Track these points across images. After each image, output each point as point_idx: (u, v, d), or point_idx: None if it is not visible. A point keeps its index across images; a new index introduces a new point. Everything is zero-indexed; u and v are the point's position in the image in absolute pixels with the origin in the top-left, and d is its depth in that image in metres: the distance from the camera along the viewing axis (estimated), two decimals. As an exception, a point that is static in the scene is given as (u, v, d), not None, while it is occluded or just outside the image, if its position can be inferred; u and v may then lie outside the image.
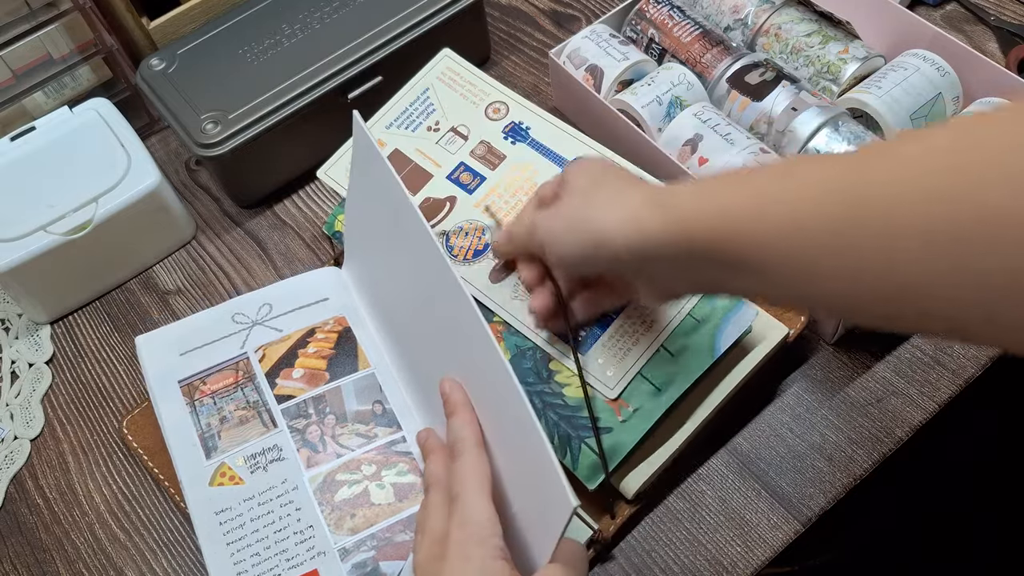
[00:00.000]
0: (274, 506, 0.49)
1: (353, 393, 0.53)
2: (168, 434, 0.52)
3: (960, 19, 0.70)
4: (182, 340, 0.56)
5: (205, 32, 0.68)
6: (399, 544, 0.48)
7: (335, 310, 0.57)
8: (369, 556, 0.47)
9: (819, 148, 0.57)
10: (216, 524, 0.49)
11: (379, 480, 0.50)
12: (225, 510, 0.49)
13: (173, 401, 0.53)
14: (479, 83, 0.59)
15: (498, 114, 0.58)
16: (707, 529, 0.49)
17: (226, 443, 0.51)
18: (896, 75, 0.58)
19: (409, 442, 0.51)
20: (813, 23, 0.63)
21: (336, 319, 0.56)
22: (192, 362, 0.55)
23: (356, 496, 0.49)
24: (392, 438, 0.51)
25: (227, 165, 0.63)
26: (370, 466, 0.50)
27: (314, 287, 0.58)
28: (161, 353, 0.55)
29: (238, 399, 0.53)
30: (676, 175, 0.58)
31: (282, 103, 0.62)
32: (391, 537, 0.48)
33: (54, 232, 0.59)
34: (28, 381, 0.61)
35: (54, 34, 0.65)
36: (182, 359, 0.55)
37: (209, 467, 0.51)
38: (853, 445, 0.51)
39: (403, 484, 0.50)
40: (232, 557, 0.48)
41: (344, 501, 0.49)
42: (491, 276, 0.52)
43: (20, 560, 0.54)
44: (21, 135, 0.63)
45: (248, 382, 0.54)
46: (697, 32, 0.64)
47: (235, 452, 0.51)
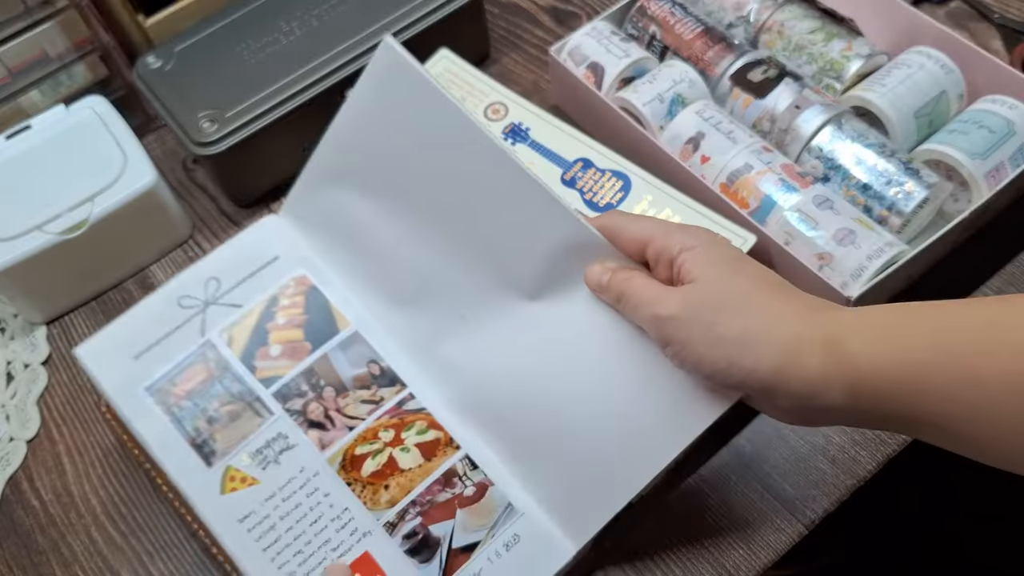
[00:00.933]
0: (300, 498, 0.46)
1: (344, 358, 0.49)
2: (156, 451, 0.48)
3: (964, 16, 0.70)
4: (130, 341, 0.50)
5: (202, 30, 0.67)
6: (442, 504, 0.46)
7: (290, 269, 0.52)
8: (416, 523, 0.45)
9: (822, 146, 0.57)
10: (244, 532, 0.45)
11: (401, 444, 0.47)
12: (248, 515, 0.46)
13: (148, 414, 0.48)
14: (478, 83, 0.58)
15: (498, 115, 0.57)
16: (709, 531, 0.49)
17: (224, 444, 0.48)
18: (900, 73, 0.58)
19: (418, 398, 0.49)
20: (816, 20, 0.62)
21: (296, 280, 0.52)
22: (151, 365, 0.49)
23: (383, 466, 0.47)
24: (399, 398, 0.49)
25: (224, 164, 0.63)
26: (387, 432, 0.48)
27: (258, 247, 0.53)
28: (112, 361, 0.49)
29: (220, 394, 0.49)
30: (678, 173, 0.58)
31: (280, 101, 0.62)
32: (432, 499, 0.46)
33: (50, 231, 0.58)
34: (24, 382, 0.61)
35: (50, 32, 0.65)
36: (139, 363, 0.49)
37: (214, 475, 0.47)
38: (856, 447, 0.51)
39: (427, 442, 0.47)
40: (274, 562, 0.45)
41: (373, 474, 0.47)
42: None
43: (16, 562, 0.53)
44: (16, 134, 0.63)
45: (224, 373, 0.49)
46: (699, 29, 0.63)
47: (238, 452, 0.47)
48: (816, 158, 0.57)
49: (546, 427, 0.46)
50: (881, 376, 0.32)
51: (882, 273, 0.51)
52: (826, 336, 0.34)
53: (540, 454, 0.46)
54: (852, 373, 0.33)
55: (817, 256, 0.52)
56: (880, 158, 0.55)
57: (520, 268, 0.45)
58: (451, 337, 0.49)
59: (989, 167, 0.54)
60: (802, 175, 0.55)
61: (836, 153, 0.56)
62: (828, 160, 0.56)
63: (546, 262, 0.44)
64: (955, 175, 0.55)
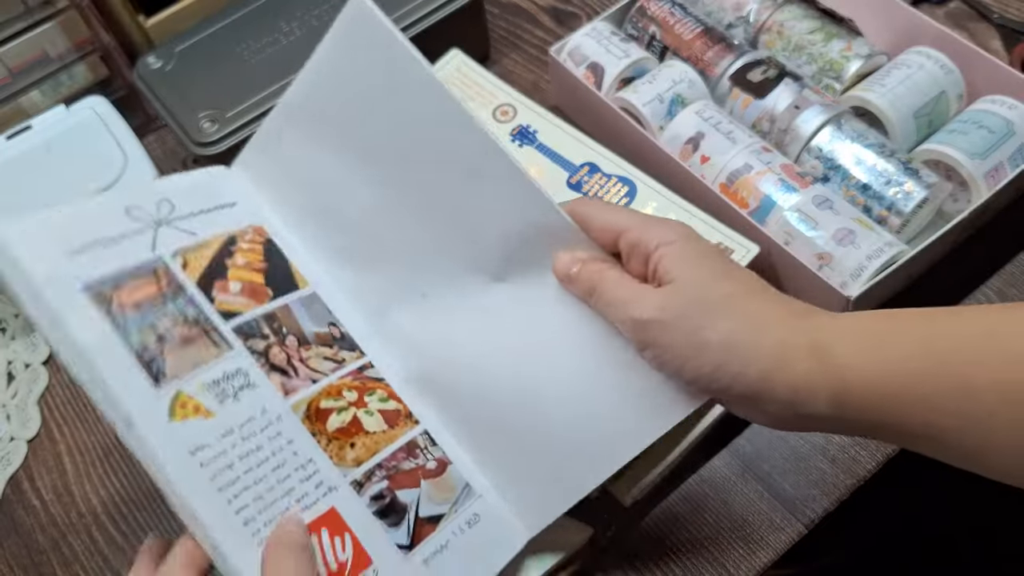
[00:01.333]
0: (261, 440, 0.41)
1: (306, 314, 0.46)
2: (95, 358, 0.38)
3: (964, 16, 0.70)
4: (67, 235, 0.41)
5: (202, 30, 0.67)
6: (408, 472, 0.44)
7: (248, 217, 0.47)
8: (383, 486, 0.43)
9: (822, 146, 0.57)
10: (196, 467, 0.38)
11: (365, 407, 0.45)
12: (202, 448, 0.39)
13: (82, 313, 0.39)
14: (487, 85, 0.58)
15: (506, 116, 0.57)
16: (709, 531, 0.49)
17: (174, 367, 0.40)
18: (899, 73, 0.58)
19: (377, 367, 0.46)
20: (816, 20, 0.63)
21: (254, 228, 0.47)
22: (90, 264, 0.41)
23: (348, 424, 0.44)
24: (359, 363, 0.46)
25: (224, 164, 0.63)
26: (351, 392, 0.45)
27: (214, 188, 0.48)
28: (43, 249, 0.40)
29: (172, 314, 0.42)
30: (678, 174, 0.58)
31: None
32: (398, 465, 0.44)
33: (50, 232, 0.58)
34: (25, 382, 0.61)
35: (51, 32, 0.65)
36: (75, 261, 0.40)
37: (162, 397, 0.39)
38: (856, 446, 0.51)
39: (388, 411, 0.46)
40: (231, 505, 0.38)
41: (338, 430, 0.43)
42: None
43: (16, 562, 0.53)
44: (17, 134, 0.63)
45: (178, 294, 0.42)
46: (699, 29, 0.63)
47: (190, 378, 0.40)
48: (816, 158, 0.57)
49: (504, 413, 0.44)
50: (868, 385, 0.32)
51: (882, 273, 0.51)
52: (812, 342, 0.33)
53: (496, 439, 0.45)
54: (838, 382, 0.32)
55: (817, 256, 0.52)
56: (880, 158, 0.55)
57: (487, 246, 0.43)
58: (409, 308, 0.47)
59: (988, 167, 0.54)
60: (802, 175, 0.55)
61: (836, 153, 0.56)
62: (828, 160, 0.56)
63: (514, 242, 0.42)
64: (954, 175, 0.55)
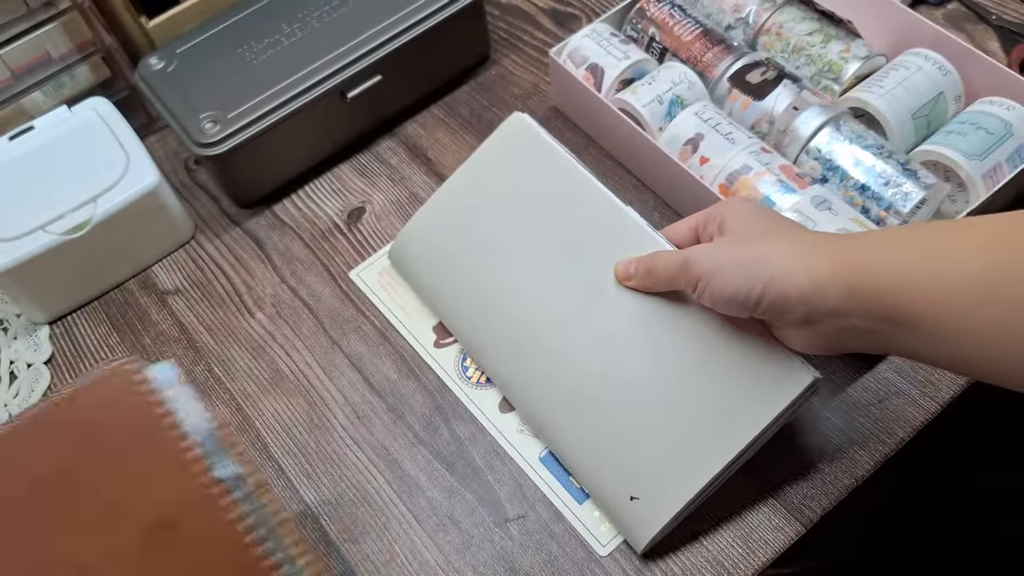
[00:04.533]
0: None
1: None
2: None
3: (962, 18, 0.70)
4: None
5: (204, 31, 0.67)
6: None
7: None
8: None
9: (820, 147, 0.57)
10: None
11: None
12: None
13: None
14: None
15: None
16: (708, 531, 0.49)
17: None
18: (898, 74, 0.58)
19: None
20: (814, 22, 0.63)
21: None
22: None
23: None
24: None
25: (226, 165, 0.63)
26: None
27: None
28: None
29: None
30: (677, 175, 0.58)
31: (281, 102, 0.62)
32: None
33: (52, 232, 0.58)
34: (26, 382, 0.61)
35: (53, 33, 0.65)
36: None
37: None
38: (855, 446, 0.51)
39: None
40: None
41: None
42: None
43: (18, 561, 0.54)
44: (19, 134, 0.63)
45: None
46: (698, 31, 0.64)
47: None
48: (814, 159, 0.57)
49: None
50: (875, 273, 0.37)
51: (880, 273, 0.51)
52: (833, 248, 0.39)
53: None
54: (852, 275, 0.38)
55: (815, 256, 0.52)
56: (878, 159, 0.55)
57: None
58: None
59: (986, 168, 0.54)
60: (800, 176, 0.56)
61: (834, 154, 0.56)
62: (826, 161, 0.57)
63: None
64: (953, 176, 0.56)
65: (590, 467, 0.50)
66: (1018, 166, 0.54)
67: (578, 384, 0.50)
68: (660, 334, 0.48)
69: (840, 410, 0.52)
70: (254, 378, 0.59)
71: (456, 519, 0.52)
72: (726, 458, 0.46)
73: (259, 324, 0.61)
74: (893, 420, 0.52)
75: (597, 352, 0.50)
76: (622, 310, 0.50)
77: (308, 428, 0.56)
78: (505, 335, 0.54)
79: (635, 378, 0.49)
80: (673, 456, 0.47)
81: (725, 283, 0.42)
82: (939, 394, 0.52)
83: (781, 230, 0.42)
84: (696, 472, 0.46)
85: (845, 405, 0.52)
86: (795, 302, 0.39)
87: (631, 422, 0.48)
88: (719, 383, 0.46)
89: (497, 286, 0.55)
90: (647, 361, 0.49)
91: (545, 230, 0.54)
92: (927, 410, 0.52)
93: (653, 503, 0.47)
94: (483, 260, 0.56)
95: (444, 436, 0.55)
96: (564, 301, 0.52)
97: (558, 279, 0.52)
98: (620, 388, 0.49)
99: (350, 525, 0.52)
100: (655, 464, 0.47)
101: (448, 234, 0.58)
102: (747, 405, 0.46)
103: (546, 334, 0.52)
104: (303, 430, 0.56)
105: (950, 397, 0.52)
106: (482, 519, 0.51)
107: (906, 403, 0.52)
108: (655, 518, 0.47)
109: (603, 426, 0.49)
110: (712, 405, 0.46)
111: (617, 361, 0.49)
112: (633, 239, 0.50)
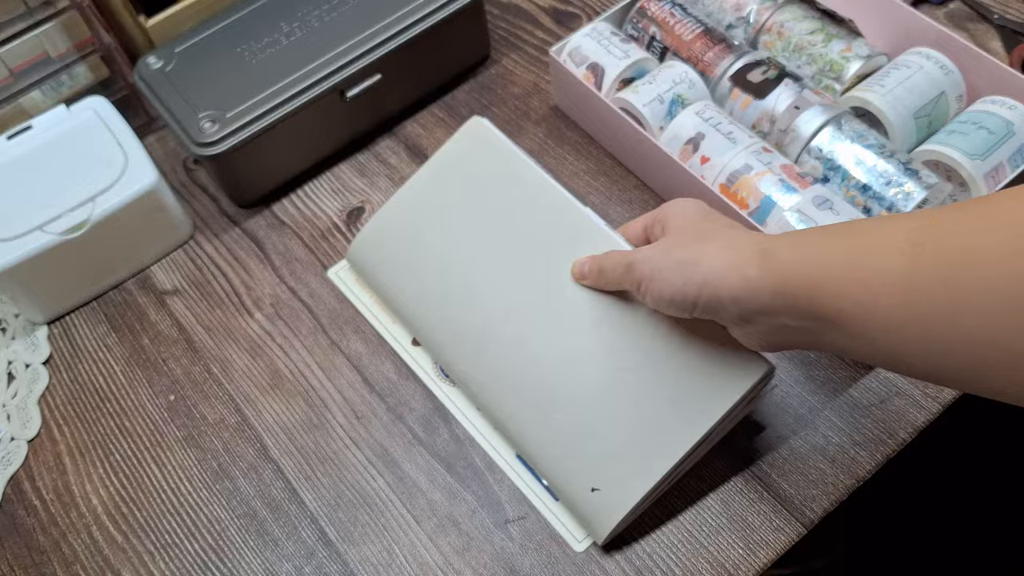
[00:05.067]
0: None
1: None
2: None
3: (963, 17, 0.70)
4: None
5: (203, 31, 0.67)
6: None
7: None
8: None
9: (821, 147, 0.57)
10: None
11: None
12: None
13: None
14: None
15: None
16: (709, 531, 0.49)
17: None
18: (899, 73, 0.58)
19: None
20: (816, 21, 0.63)
21: None
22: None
23: None
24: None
25: (225, 164, 0.63)
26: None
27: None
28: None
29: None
30: (678, 174, 0.58)
31: (280, 102, 0.62)
32: None
33: (51, 232, 0.58)
34: (25, 382, 0.61)
35: (51, 32, 0.65)
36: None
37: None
38: (856, 446, 0.51)
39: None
40: None
41: None
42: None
43: (17, 562, 0.53)
44: (18, 134, 0.63)
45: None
46: (699, 30, 0.63)
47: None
48: (816, 159, 0.57)
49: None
50: (800, 277, 0.38)
51: (881, 273, 0.51)
52: (762, 249, 0.40)
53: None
54: (778, 275, 0.38)
55: (816, 256, 0.52)
56: (879, 159, 0.55)
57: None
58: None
59: (988, 168, 0.54)
60: (802, 176, 0.55)
61: (836, 154, 0.56)
62: (828, 161, 0.56)
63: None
64: (954, 176, 0.55)
65: (552, 460, 0.50)
66: (1020, 166, 0.54)
67: (538, 380, 0.51)
68: (618, 329, 0.49)
69: (841, 410, 0.52)
70: (253, 378, 0.59)
71: (456, 520, 0.51)
72: (685, 448, 0.47)
73: (258, 324, 0.61)
74: (894, 421, 0.51)
75: (556, 348, 0.51)
76: (579, 307, 0.51)
77: (307, 429, 0.56)
78: (464, 334, 0.54)
79: (594, 372, 0.49)
80: (633, 447, 0.48)
81: (664, 285, 0.43)
82: (941, 395, 0.52)
83: (717, 231, 0.43)
84: (656, 462, 0.47)
85: (846, 405, 0.52)
86: (728, 302, 0.40)
87: (591, 415, 0.49)
88: (677, 375, 0.48)
89: (456, 285, 0.55)
90: (605, 356, 0.49)
91: (503, 230, 0.55)
92: (928, 411, 0.52)
93: (614, 494, 0.48)
94: (442, 261, 0.56)
95: (444, 437, 0.55)
96: (523, 298, 0.53)
97: (517, 277, 0.53)
98: (580, 382, 0.50)
99: (349, 526, 0.52)
100: (616, 455, 0.48)
101: (406, 236, 0.58)
102: (704, 396, 0.47)
103: (505, 331, 0.52)
104: (302, 431, 0.56)
105: (952, 398, 0.52)
106: (482, 520, 0.51)
107: (907, 404, 0.52)
108: (616, 508, 0.47)
109: (564, 420, 0.49)
110: (670, 397, 0.48)
111: (576, 356, 0.50)
112: (590, 238, 0.51)
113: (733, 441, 0.52)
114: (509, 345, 0.52)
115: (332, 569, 0.51)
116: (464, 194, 0.57)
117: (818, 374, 0.54)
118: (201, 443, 0.57)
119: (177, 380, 0.60)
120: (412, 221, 0.58)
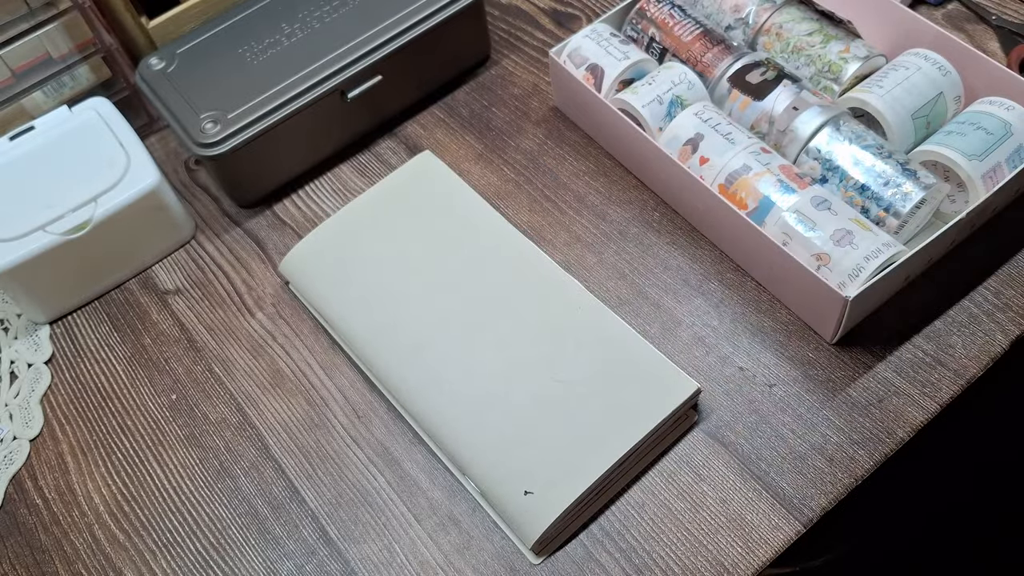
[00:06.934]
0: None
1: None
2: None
3: (961, 18, 0.70)
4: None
5: (204, 32, 0.67)
6: None
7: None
8: None
9: (820, 147, 0.57)
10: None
11: None
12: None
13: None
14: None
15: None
16: (708, 530, 0.49)
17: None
18: (897, 74, 0.58)
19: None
20: (814, 22, 0.63)
21: None
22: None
23: None
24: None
25: (226, 165, 0.63)
26: None
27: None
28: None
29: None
30: (677, 175, 0.58)
31: (281, 103, 0.62)
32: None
33: (53, 232, 0.58)
34: (27, 381, 0.61)
35: (53, 33, 0.65)
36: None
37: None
38: (854, 445, 0.51)
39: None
40: None
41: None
42: None
43: (19, 561, 0.54)
44: (20, 135, 0.63)
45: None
46: (698, 31, 0.64)
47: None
48: (814, 159, 0.57)
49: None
50: None
51: (880, 273, 0.51)
52: None
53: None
54: None
55: (815, 256, 0.53)
56: (878, 159, 0.55)
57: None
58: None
59: (986, 168, 0.54)
60: (800, 176, 0.56)
61: (834, 154, 0.56)
62: (826, 161, 0.57)
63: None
64: (952, 176, 0.56)
65: (486, 464, 0.51)
66: (1018, 166, 0.54)
67: (474, 385, 0.53)
68: (557, 344, 0.53)
69: (840, 410, 0.52)
70: (254, 378, 0.59)
71: (456, 519, 0.52)
72: (615, 457, 0.49)
73: (259, 324, 0.62)
74: (893, 420, 0.52)
75: (494, 358, 0.53)
76: (523, 322, 0.54)
77: (308, 428, 0.56)
78: (400, 340, 0.56)
79: (531, 381, 0.52)
80: (569, 453, 0.50)
81: None
82: (939, 394, 0.52)
83: None
84: (588, 469, 0.49)
85: (845, 405, 0.52)
86: None
87: (527, 421, 0.51)
88: (610, 389, 0.51)
89: (393, 297, 0.57)
90: (543, 367, 0.53)
91: (444, 251, 0.58)
92: (927, 410, 0.52)
93: (547, 497, 0.49)
94: (379, 274, 0.58)
95: (444, 436, 0.55)
96: (463, 312, 0.55)
97: (457, 292, 0.56)
98: (516, 389, 0.52)
99: (350, 525, 0.52)
100: (551, 460, 0.50)
101: (342, 252, 0.60)
102: (635, 410, 0.50)
103: (442, 340, 0.55)
104: (303, 430, 0.56)
105: (950, 397, 0.52)
106: (482, 519, 0.51)
107: (906, 403, 0.52)
108: (549, 511, 0.48)
109: (500, 423, 0.51)
110: (603, 409, 0.51)
111: (513, 365, 0.53)
112: (529, 261, 0.57)
113: (733, 440, 0.52)
114: (445, 352, 0.54)
115: (333, 567, 0.51)
116: (406, 217, 0.60)
117: (817, 373, 0.54)
118: (202, 442, 0.57)
119: (179, 379, 0.60)
120: (352, 235, 0.61)
